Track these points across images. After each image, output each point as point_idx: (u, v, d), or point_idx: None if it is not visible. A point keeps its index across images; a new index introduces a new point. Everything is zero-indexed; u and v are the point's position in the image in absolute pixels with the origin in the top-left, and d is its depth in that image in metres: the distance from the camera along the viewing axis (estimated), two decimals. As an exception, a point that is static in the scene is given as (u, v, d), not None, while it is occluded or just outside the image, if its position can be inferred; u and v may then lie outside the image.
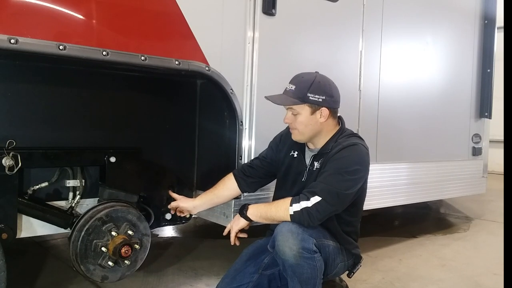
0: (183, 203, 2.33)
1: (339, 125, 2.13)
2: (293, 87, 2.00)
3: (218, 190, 2.28)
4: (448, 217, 4.82)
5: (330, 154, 2.00)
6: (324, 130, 2.06)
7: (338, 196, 1.90)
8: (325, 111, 2.00)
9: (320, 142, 2.08)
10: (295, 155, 2.16)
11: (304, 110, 2.00)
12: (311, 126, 2.02)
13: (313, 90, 1.97)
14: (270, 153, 2.27)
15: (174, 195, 2.40)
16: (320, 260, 1.93)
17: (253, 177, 2.26)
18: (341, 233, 2.10)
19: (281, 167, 2.22)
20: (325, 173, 1.96)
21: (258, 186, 2.32)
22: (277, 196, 2.21)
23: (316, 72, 2.06)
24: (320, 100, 1.98)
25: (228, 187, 2.27)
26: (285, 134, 2.22)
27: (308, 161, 2.12)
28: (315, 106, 1.99)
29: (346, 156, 1.96)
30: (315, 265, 1.90)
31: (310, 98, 1.97)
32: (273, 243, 1.94)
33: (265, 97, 2.08)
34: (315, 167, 2.06)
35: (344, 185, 1.92)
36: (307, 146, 2.15)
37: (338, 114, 2.14)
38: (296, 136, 2.08)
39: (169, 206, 2.37)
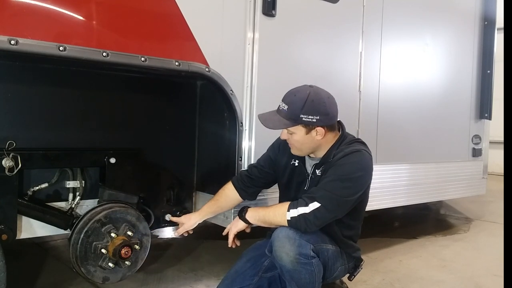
0: (188, 224, 2.28)
1: (339, 131, 2.07)
2: (286, 106, 1.91)
3: (221, 202, 2.27)
4: (448, 218, 4.82)
5: (333, 161, 1.95)
6: (323, 143, 2.00)
7: (338, 203, 1.87)
8: (320, 130, 1.93)
9: (320, 153, 2.04)
10: (296, 164, 2.13)
11: (298, 130, 1.93)
12: (307, 144, 1.98)
13: (306, 111, 1.87)
14: (268, 162, 2.23)
15: (174, 219, 2.38)
16: (318, 265, 1.90)
17: (253, 187, 2.25)
18: (341, 238, 2.08)
19: (282, 175, 2.19)
20: (326, 179, 1.92)
21: (258, 193, 2.32)
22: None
23: (310, 87, 1.94)
24: (314, 120, 1.89)
25: (231, 198, 2.26)
26: (284, 143, 2.13)
27: (309, 169, 2.09)
28: (309, 126, 1.92)
29: (349, 162, 1.92)
30: (313, 270, 1.87)
31: (304, 119, 1.88)
32: (270, 248, 1.93)
33: (258, 115, 2.04)
34: (316, 175, 2.04)
35: (345, 192, 1.88)
36: (308, 155, 2.11)
37: (338, 119, 2.06)
38: (295, 152, 2.05)
39: (177, 232, 2.33)
